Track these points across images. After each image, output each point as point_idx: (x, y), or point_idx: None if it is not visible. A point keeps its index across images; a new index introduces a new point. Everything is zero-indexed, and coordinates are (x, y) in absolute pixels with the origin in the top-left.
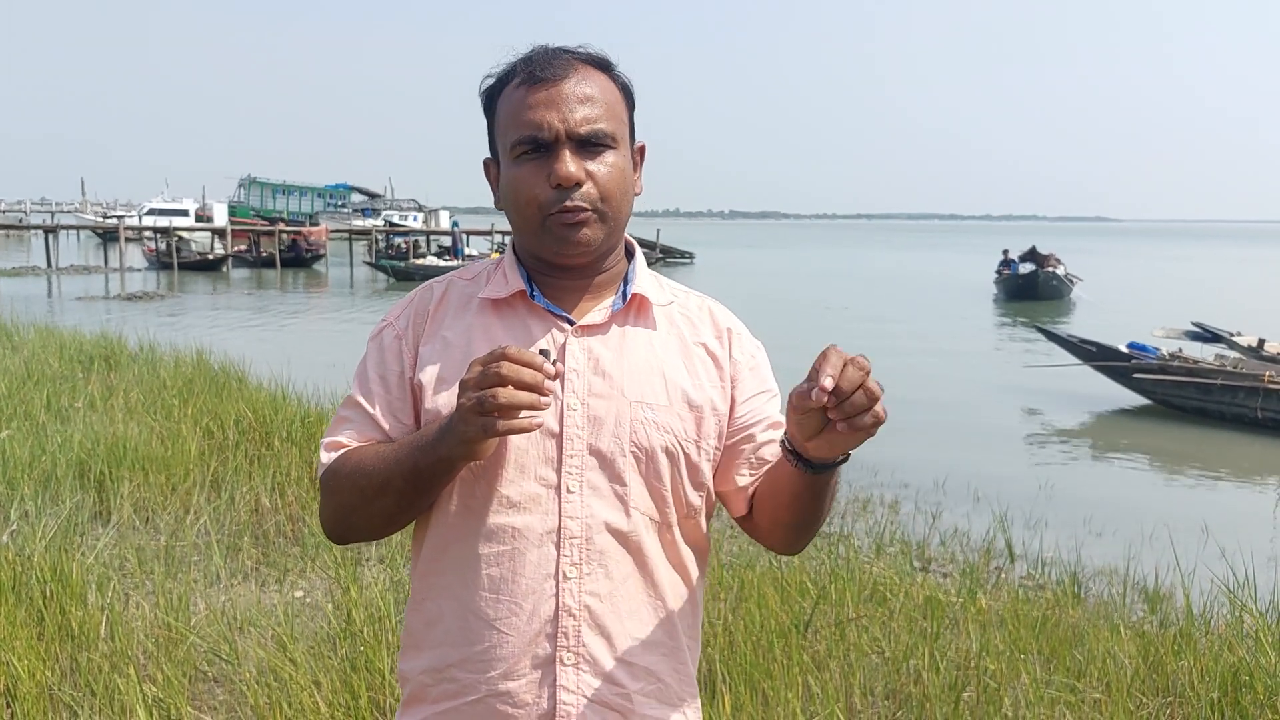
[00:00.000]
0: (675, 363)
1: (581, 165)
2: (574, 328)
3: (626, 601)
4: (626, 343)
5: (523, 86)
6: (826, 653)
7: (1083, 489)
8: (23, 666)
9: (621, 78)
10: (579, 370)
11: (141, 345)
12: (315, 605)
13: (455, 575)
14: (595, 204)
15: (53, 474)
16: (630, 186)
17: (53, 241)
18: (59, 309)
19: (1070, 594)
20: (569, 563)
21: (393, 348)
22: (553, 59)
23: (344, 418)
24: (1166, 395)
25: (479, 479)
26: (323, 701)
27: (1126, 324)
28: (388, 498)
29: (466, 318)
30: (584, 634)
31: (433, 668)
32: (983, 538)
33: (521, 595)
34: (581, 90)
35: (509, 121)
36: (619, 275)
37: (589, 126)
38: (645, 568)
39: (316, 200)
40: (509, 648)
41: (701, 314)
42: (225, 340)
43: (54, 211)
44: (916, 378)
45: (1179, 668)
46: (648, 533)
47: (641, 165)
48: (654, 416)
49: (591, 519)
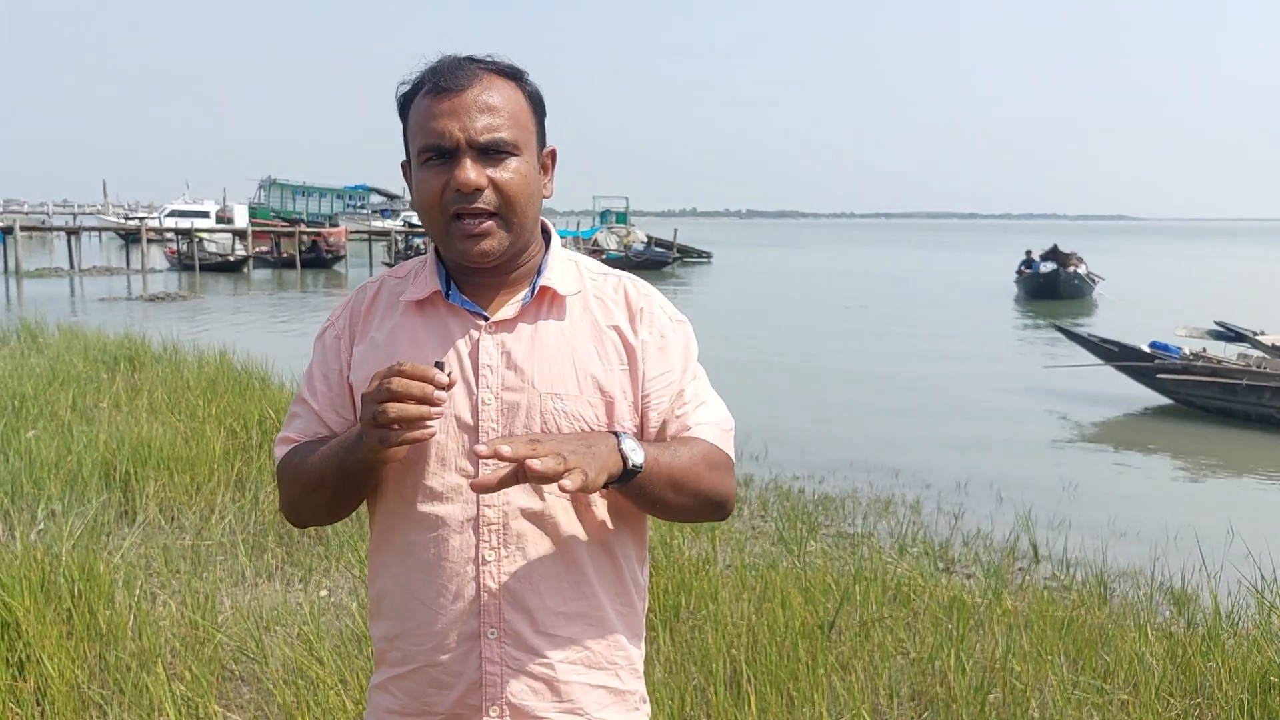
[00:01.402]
0: (587, 350)
1: (482, 172)
2: (487, 324)
3: (545, 579)
4: (538, 335)
5: (429, 95)
6: (851, 653)
7: (1106, 490)
8: (53, 665)
9: (529, 86)
10: (492, 365)
11: (165, 345)
12: (340, 604)
13: (395, 557)
14: (498, 208)
15: (79, 474)
16: (535, 190)
17: (75, 243)
18: (82, 310)
19: (1096, 595)
20: (488, 547)
21: (333, 347)
22: (458, 69)
23: (294, 414)
24: (1190, 395)
25: (408, 471)
26: (349, 700)
27: (1148, 323)
28: (324, 491)
29: (393, 318)
30: (504, 611)
31: (385, 636)
32: (1006, 538)
33: (448, 578)
34: (484, 100)
35: (416, 129)
36: (535, 268)
37: (489, 135)
38: (563, 546)
39: (336, 202)
40: (440, 624)
41: (617, 295)
42: (247, 340)
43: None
44: (937, 378)
45: (1207, 669)
46: (565, 513)
47: (553, 170)
48: (564, 406)
49: (507, 506)
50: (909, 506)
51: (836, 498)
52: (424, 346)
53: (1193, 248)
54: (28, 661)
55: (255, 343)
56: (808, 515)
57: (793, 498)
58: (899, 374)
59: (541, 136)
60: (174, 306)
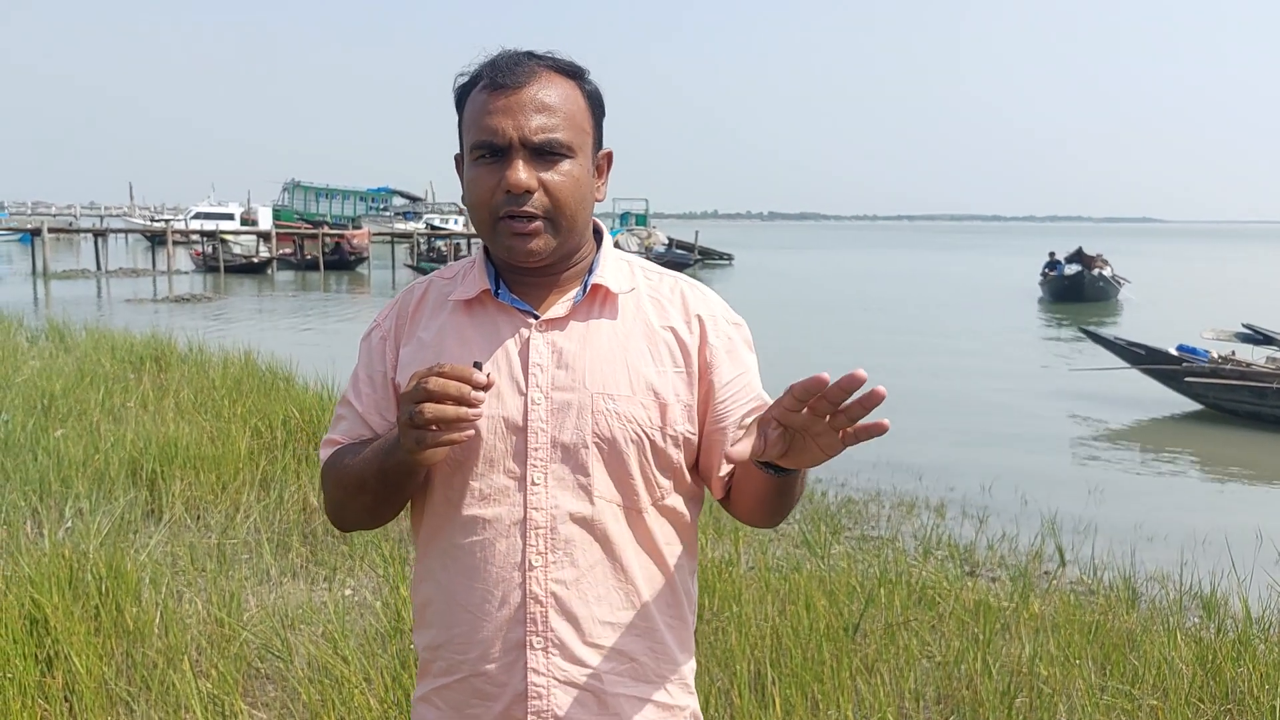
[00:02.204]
0: (639, 350)
1: (534, 173)
2: (538, 322)
3: (593, 587)
4: (589, 334)
5: (485, 90)
6: (876, 656)
7: (1133, 493)
8: (80, 661)
9: (589, 85)
10: (542, 365)
11: (190, 346)
12: (364, 603)
13: (439, 562)
14: (548, 211)
15: (106, 472)
16: (587, 194)
17: (102, 245)
18: (109, 311)
19: (1124, 599)
20: (534, 552)
21: (378, 349)
22: (516, 65)
23: (339, 416)
24: (1219, 399)
25: (455, 473)
26: (374, 699)
27: (1175, 325)
28: (366, 494)
29: (441, 317)
30: (551, 619)
31: (430, 645)
32: (1031, 542)
33: (493, 583)
34: (541, 99)
35: (470, 124)
36: (587, 268)
37: (543, 136)
38: (612, 553)
39: (359, 204)
40: (485, 632)
41: (673, 297)
42: (271, 341)
43: (103, 215)
44: (960, 380)
45: (1238, 674)
46: (614, 520)
47: (608, 172)
48: (615, 407)
49: (556, 509)
50: (933, 509)
51: (860, 500)
52: (472, 346)
53: (1220, 250)
54: (56, 657)
55: (279, 343)
56: (831, 518)
57: (816, 500)
58: (921, 376)
59: (598, 138)
60: (199, 308)
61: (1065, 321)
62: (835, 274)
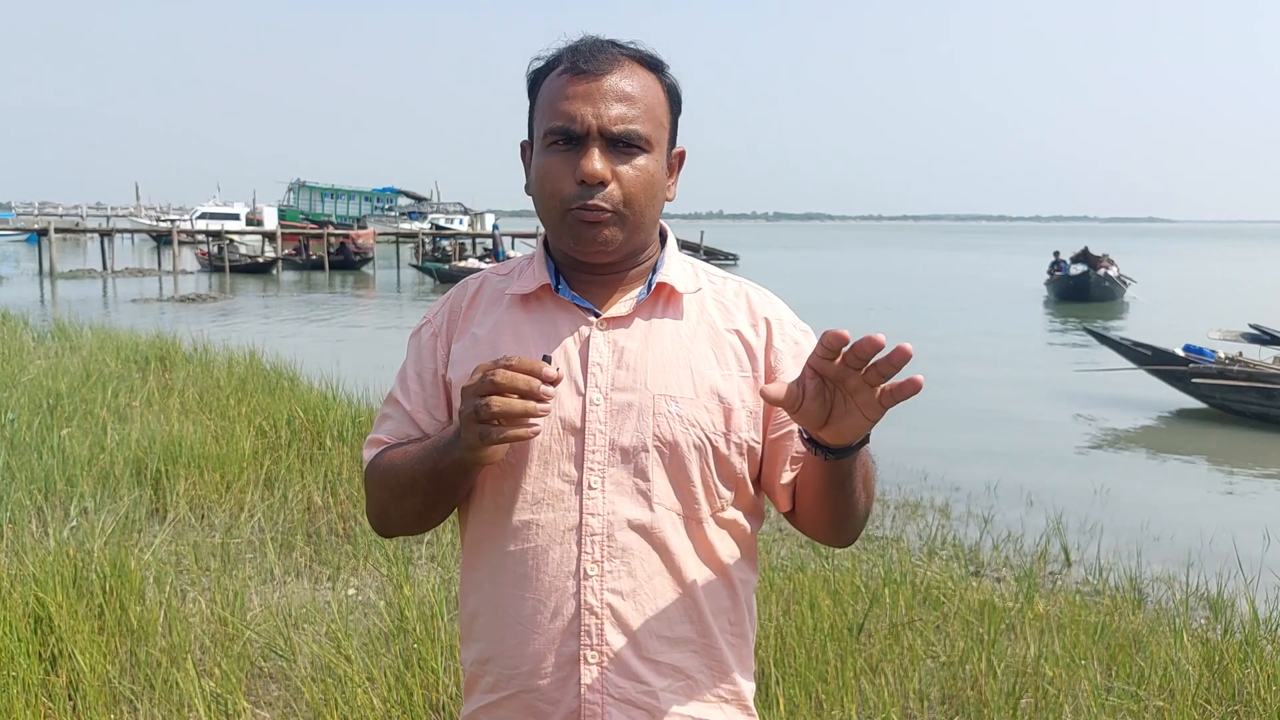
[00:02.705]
0: (704, 353)
1: (609, 165)
2: (599, 320)
3: (651, 599)
4: (652, 334)
5: (565, 75)
6: (880, 656)
7: (1139, 494)
8: (84, 660)
9: (670, 80)
10: (602, 364)
11: (195, 346)
12: (368, 603)
13: (488, 571)
14: (617, 206)
15: (111, 471)
16: (659, 192)
17: (108, 245)
18: (115, 310)
19: (1130, 600)
20: (590, 560)
21: (429, 345)
22: (599, 52)
23: (385, 414)
24: (1226, 400)
25: (507, 475)
26: (377, 698)
27: (1181, 326)
28: (415, 497)
29: (496, 313)
30: (606, 632)
31: (478, 659)
32: (1037, 542)
33: (545, 593)
34: (622, 88)
35: (546, 109)
36: (650, 268)
37: (622, 126)
38: (672, 564)
39: (364, 204)
40: (536, 645)
41: (738, 300)
42: (276, 341)
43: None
44: (965, 381)
45: (1245, 675)
46: (674, 528)
47: (679, 172)
48: (678, 410)
49: (613, 515)
50: (938, 510)
51: None
52: (528, 342)
53: (1226, 249)
54: (60, 656)
55: (284, 343)
56: None
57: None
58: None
59: (673, 135)
60: (205, 307)
61: (1071, 322)
62: (840, 274)
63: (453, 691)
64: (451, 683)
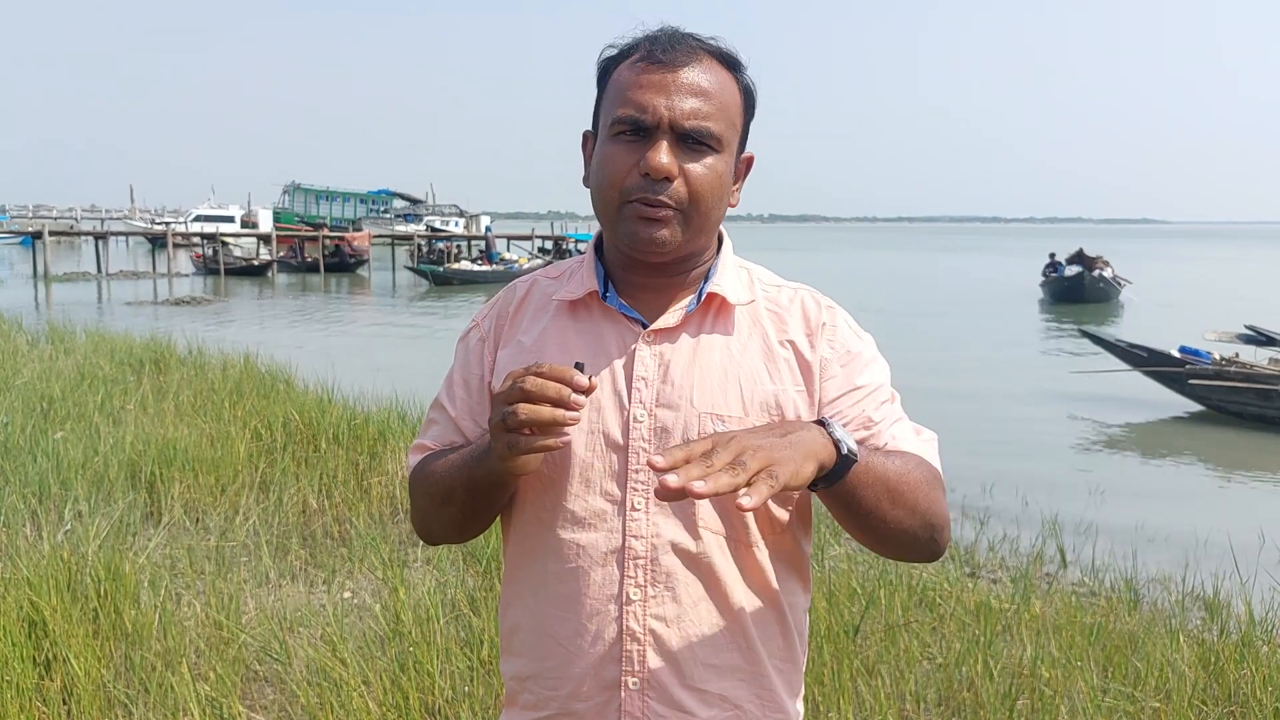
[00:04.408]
0: (755, 368)
1: (676, 160)
2: (645, 331)
3: (696, 626)
4: (701, 348)
5: (639, 64)
6: (877, 658)
7: (1135, 495)
8: (79, 664)
9: (746, 80)
10: (647, 379)
11: (190, 349)
12: (363, 606)
13: (528, 587)
14: (681, 204)
15: (105, 475)
16: (725, 195)
17: (103, 247)
18: (109, 313)
19: (1126, 601)
20: (633, 584)
21: (476, 351)
22: (677, 43)
23: (431, 419)
24: (1222, 401)
25: (548, 491)
26: (373, 702)
27: (1177, 327)
28: (453, 506)
29: (543, 320)
30: (649, 659)
31: (517, 675)
32: (1033, 543)
33: (586, 616)
34: (698, 82)
35: (615, 96)
36: (704, 274)
37: (695, 122)
38: (718, 589)
39: (360, 206)
40: (576, 668)
41: (792, 308)
42: (271, 344)
43: (104, 218)
44: (960, 382)
45: (1241, 676)
46: (721, 554)
47: (745, 178)
48: (725, 429)
49: (657, 539)
50: None
51: None
52: (573, 352)
53: (1221, 250)
54: (54, 660)
55: (279, 346)
56: (831, 519)
57: (815, 502)
58: (921, 377)
59: (744, 138)
60: (199, 310)
61: (1066, 323)
62: (836, 276)
63: (448, 695)
64: (447, 686)
